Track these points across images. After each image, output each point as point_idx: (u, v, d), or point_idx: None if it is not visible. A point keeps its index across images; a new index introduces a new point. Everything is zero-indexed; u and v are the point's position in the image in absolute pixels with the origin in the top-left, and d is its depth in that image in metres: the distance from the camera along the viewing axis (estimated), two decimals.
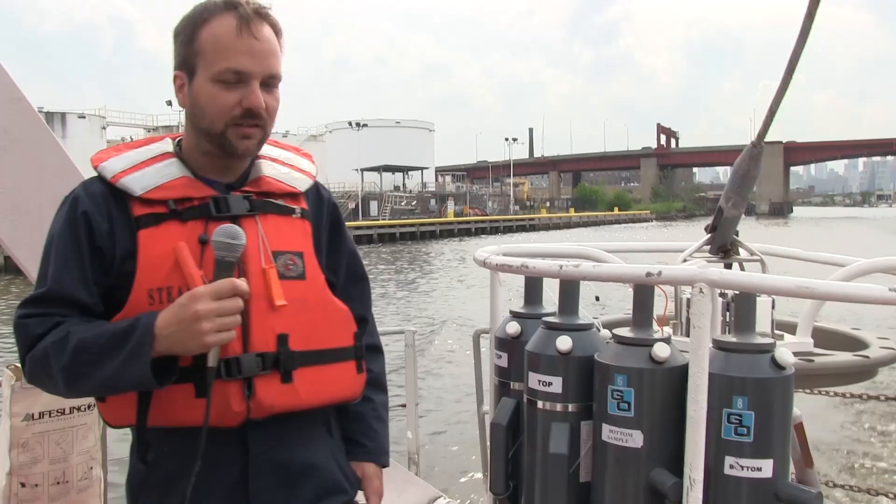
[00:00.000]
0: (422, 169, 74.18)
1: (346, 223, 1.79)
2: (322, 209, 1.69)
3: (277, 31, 1.53)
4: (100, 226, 1.47)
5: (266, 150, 1.65)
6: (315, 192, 1.70)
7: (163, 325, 1.37)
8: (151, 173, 1.52)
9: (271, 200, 1.58)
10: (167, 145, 1.60)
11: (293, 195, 1.63)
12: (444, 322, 16.17)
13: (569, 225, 76.23)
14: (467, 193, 77.22)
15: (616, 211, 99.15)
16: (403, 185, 72.21)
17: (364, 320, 1.74)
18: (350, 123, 72.03)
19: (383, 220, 55.59)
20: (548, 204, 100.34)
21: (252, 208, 1.54)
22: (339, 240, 1.72)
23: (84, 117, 60.81)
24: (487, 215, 71.05)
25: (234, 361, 1.44)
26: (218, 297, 1.36)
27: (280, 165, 1.66)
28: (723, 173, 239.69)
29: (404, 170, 71.92)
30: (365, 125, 71.85)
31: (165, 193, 1.50)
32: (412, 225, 54.30)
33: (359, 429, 1.71)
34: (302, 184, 1.66)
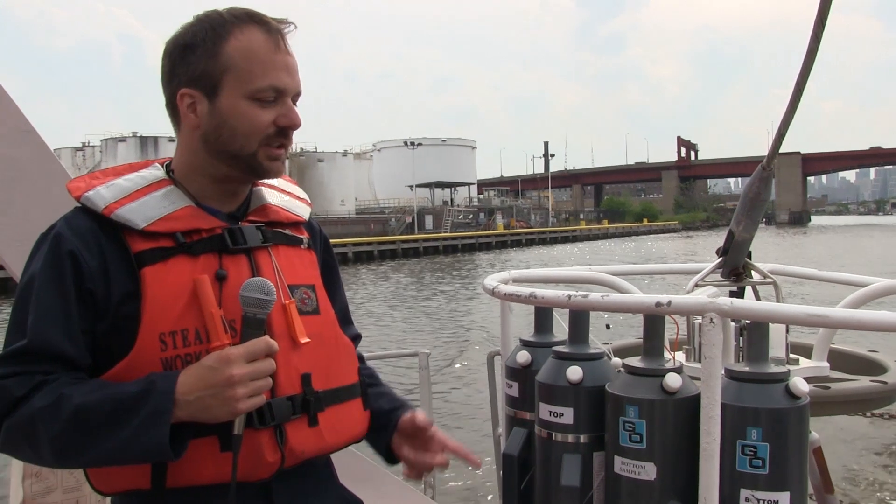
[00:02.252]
0: (468, 185, 74.17)
1: (406, 236, 1.52)
2: (317, 241, 1.47)
3: None
4: (89, 265, 1.20)
5: None
6: (308, 222, 1.47)
7: (186, 391, 1.13)
8: (152, 203, 1.26)
9: (280, 230, 1.37)
10: (159, 171, 1.34)
11: (296, 224, 1.42)
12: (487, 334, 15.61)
13: (606, 235, 75.29)
14: (513, 207, 76.85)
15: (646, 222, 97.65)
16: (451, 200, 72.24)
17: (361, 358, 1.53)
18: (406, 143, 72.43)
19: (445, 232, 56.16)
20: (581, 216, 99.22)
21: (265, 239, 1.32)
22: (334, 275, 1.51)
23: (174, 140, 61.74)
24: (532, 227, 70.68)
25: (267, 407, 1.22)
26: (252, 360, 1.15)
27: (279, 193, 1.44)
28: (734, 184, 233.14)
29: (453, 185, 72.01)
30: (420, 144, 72.13)
31: (172, 225, 1.24)
32: (472, 237, 55.06)
33: (390, 398, 1.50)
34: (304, 212, 1.45)
